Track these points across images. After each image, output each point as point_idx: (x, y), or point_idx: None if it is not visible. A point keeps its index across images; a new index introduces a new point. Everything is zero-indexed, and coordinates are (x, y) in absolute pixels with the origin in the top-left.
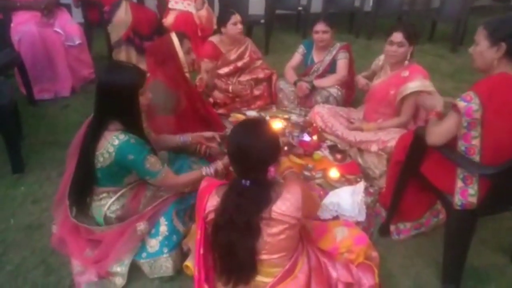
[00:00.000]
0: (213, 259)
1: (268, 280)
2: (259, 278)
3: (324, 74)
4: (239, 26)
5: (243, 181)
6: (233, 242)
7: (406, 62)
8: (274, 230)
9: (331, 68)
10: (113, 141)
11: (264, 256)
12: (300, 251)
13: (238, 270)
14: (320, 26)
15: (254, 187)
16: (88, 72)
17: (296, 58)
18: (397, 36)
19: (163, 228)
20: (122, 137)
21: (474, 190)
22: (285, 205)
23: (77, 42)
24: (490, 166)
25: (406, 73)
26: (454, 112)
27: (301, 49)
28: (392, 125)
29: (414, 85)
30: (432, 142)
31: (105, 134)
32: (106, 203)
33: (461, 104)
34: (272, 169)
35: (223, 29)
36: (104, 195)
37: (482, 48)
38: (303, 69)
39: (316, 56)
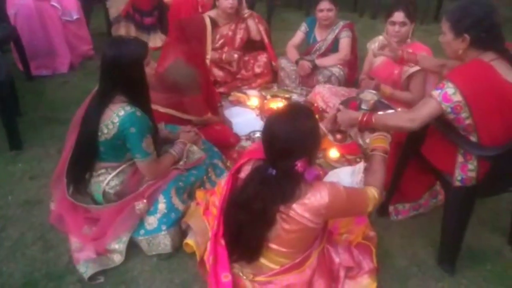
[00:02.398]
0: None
1: (274, 266)
2: (264, 261)
3: (326, 53)
4: (231, 0)
5: (270, 169)
6: (243, 224)
7: (408, 40)
8: (288, 227)
9: (333, 47)
10: (118, 112)
11: (273, 246)
12: (316, 247)
13: (242, 249)
14: (324, 4)
15: (279, 178)
16: (86, 48)
17: (298, 36)
18: (399, 16)
19: (162, 205)
20: (128, 108)
21: (474, 165)
22: (306, 207)
23: (75, 17)
24: (489, 147)
25: (409, 51)
26: (431, 99)
27: (303, 27)
28: (405, 98)
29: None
30: (408, 126)
31: (111, 106)
32: (105, 179)
33: (435, 92)
34: (299, 163)
35: (217, 2)
36: (103, 171)
37: (448, 39)
38: (305, 48)
39: (318, 35)
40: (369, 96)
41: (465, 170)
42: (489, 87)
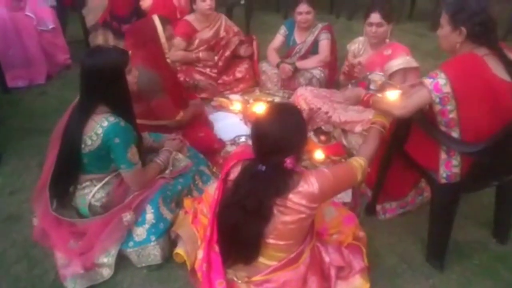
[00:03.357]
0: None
1: (271, 263)
2: (261, 260)
3: (306, 55)
4: (208, 2)
5: (260, 165)
6: (239, 223)
7: (387, 40)
8: (287, 218)
9: (313, 48)
10: (102, 123)
11: (271, 240)
12: (307, 242)
13: (240, 249)
14: (303, 7)
15: (270, 173)
16: (63, 57)
17: (278, 39)
18: (375, 17)
19: (150, 216)
20: (112, 119)
21: (457, 161)
22: (301, 194)
23: (50, 26)
24: (471, 143)
25: (388, 51)
26: (422, 87)
27: (282, 30)
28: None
29: (398, 62)
30: (399, 114)
31: (93, 117)
32: (90, 191)
33: (427, 81)
34: (288, 160)
35: (194, 6)
36: (88, 183)
37: (446, 32)
38: (285, 51)
39: (298, 37)
40: (377, 77)
41: (449, 166)
42: (479, 80)
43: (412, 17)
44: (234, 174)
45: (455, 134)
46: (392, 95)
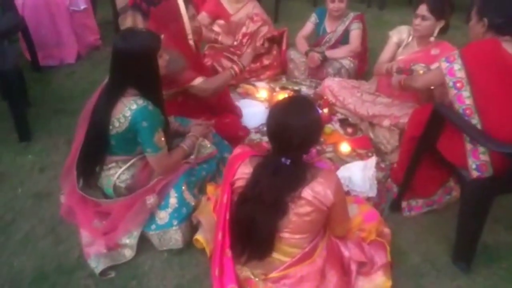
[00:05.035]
0: (231, 229)
1: (286, 259)
2: (276, 256)
3: (336, 44)
4: None
5: (283, 159)
6: (257, 216)
7: (432, 38)
8: (302, 210)
9: (343, 38)
10: (131, 105)
11: (285, 235)
12: (321, 236)
13: (255, 244)
14: None
15: (292, 166)
16: (94, 38)
17: (308, 27)
18: (422, 9)
19: (173, 200)
20: (141, 102)
21: (483, 148)
22: (317, 188)
23: (82, 7)
24: (503, 142)
25: (436, 51)
26: (438, 68)
27: (313, 18)
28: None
29: None
30: (415, 86)
31: (122, 99)
32: (116, 173)
33: (444, 64)
34: (314, 150)
35: None
36: (113, 164)
37: (472, 23)
38: (315, 39)
39: (328, 26)
40: (419, 68)
41: (476, 155)
42: (495, 64)
43: (453, 13)
44: (240, 175)
45: (474, 121)
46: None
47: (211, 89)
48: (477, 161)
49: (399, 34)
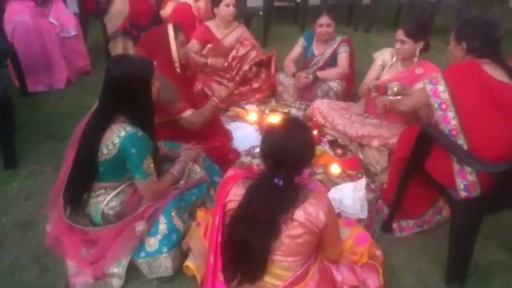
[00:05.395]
0: (223, 251)
1: (278, 282)
2: (268, 279)
3: (324, 67)
4: (232, 8)
5: (276, 179)
6: (250, 238)
7: (415, 59)
8: (294, 232)
9: (332, 61)
10: (120, 132)
11: (278, 257)
12: (313, 259)
13: (247, 266)
14: (324, 20)
15: (285, 187)
16: (83, 63)
17: (296, 50)
18: (399, 33)
19: (163, 226)
20: (129, 129)
21: (470, 168)
22: (309, 210)
23: (73, 33)
24: (490, 162)
25: (420, 70)
26: (423, 89)
27: (301, 41)
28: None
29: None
30: (400, 109)
31: (112, 126)
32: (104, 200)
33: (428, 86)
34: (306, 171)
35: (215, 10)
36: (102, 191)
37: (451, 47)
38: (303, 62)
39: (316, 49)
40: (393, 85)
41: (464, 175)
42: (477, 85)
43: (430, 33)
44: (233, 197)
45: (460, 142)
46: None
47: (198, 123)
48: (464, 181)
49: (383, 56)
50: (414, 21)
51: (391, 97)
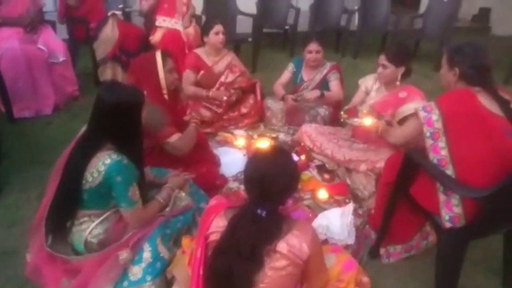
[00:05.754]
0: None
1: None
2: None
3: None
4: (221, 36)
5: (259, 210)
6: (232, 270)
7: (398, 83)
8: (277, 264)
9: (321, 86)
10: (105, 160)
11: None
12: None
13: None
14: (313, 46)
15: (268, 218)
16: (72, 89)
17: (286, 75)
18: (381, 58)
19: (147, 254)
20: (115, 156)
21: (457, 199)
22: (292, 242)
23: (61, 59)
24: (473, 188)
25: (404, 94)
26: (415, 118)
27: (290, 67)
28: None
29: (412, 107)
30: (392, 141)
31: (97, 154)
32: (88, 227)
33: (422, 114)
34: (290, 201)
35: (205, 39)
36: (86, 219)
37: (444, 71)
38: (293, 87)
39: (305, 75)
40: (363, 107)
41: (450, 206)
42: (470, 115)
43: (416, 58)
44: (215, 229)
45: (449, 172)
46: (368, 121)
47: (185, 148)
48: (450, 213)
49: (366, 82)
50: (396, 47)
51: (358, 120)
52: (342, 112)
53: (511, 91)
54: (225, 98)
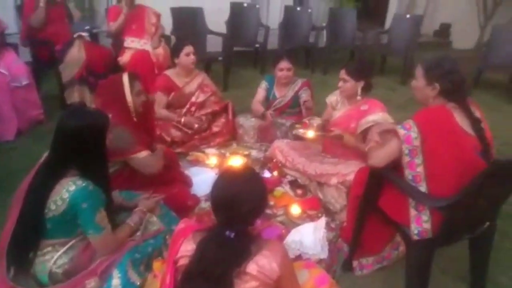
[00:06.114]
0: None
1: None
2: None
3: (284, 108)
4: (192, 56)
5: (228, 232)
6: None
7: (358, 97)
8: (248, 286)
9: (292, 103)
10: (69, 187)
11: None
12: None
13: None
14: (284, 64)
15: (237, 239)
16: (36, 113)
17: (261, 93)
18: (342, 73)
19: (116, 281)
20: (80, 183)
21: (427, 216)
22: (262, 262)
23: (24, 82)
24: (438, 197)
25: (365, 107)
26: (395, 138)
27: (263, 84)
28: (362, 148)
29: (373, 118)
30: (374, 164)
31: (61, 181)
32: (52, 258)
33: (401, 131)
34: (259, 221)
35: (176, 60)
36: (49, 249)
37: (420, 85)
38: (266, 103)
39: (278, 91)
40: (314, 121)
41: (419, 222)
42: (446, 135)
43: (383, 72)
44: (184, 253)
45: (422, 189)
46: (310, 134)
47: (154, 166)
48: (419, 228)
49: (331, 98)
50: (356, 62)
51: (302, 130)
52: (296, 125)
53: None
54: (196, 126)
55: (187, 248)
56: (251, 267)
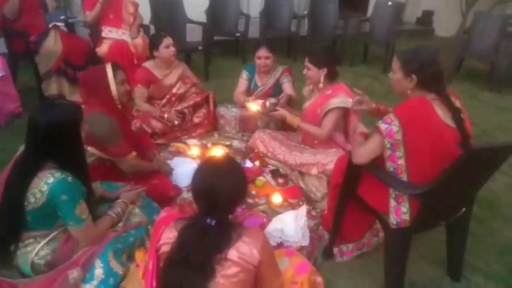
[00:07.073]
0: None
1: None
2: None
3: (266, 96)
4: (172, 48)
5: (208, 220)
6: (184, 281)
7: (321, 84)
8: (229, 272)
9: (274, 91)
10: (47, 179)
11: None
12: None
13: None
14: (262, 52)
15: (218, 227)
16: (14, 106)
17: (242, 84)
18: (305, 60)
19: (99, 271)
20: (58, 175)
21: (406, 208)
22: (243, 249)
23: (0, 74)
24: (418, 185)
25: (329, 91)
26: (377, 134)
27: (244, 74)
28: (312, 131)
29: (335, 101)
30: (358, 162)
31: (39, 173)
32: (34, 249)
33: (383, 126)
34: (239, 209)
35: (155, 53)
36: (31, 240)
37: (398, 77)
38: (247, 92)
39: (259, 80)
40: (270, 100)
41: (398, 213)
42: (427, 127)
43: (366, 61)
44: (165, 240)
45: (402, 177)
46: (254, 107)
47: (139, 167)
48: (398, 219)
49: (304, 88)
50: (318, 49)
51: (247, 104)
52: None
53: (453, 89)
54: (176, 122)
55: (168, 236)
56: (232, 254)
